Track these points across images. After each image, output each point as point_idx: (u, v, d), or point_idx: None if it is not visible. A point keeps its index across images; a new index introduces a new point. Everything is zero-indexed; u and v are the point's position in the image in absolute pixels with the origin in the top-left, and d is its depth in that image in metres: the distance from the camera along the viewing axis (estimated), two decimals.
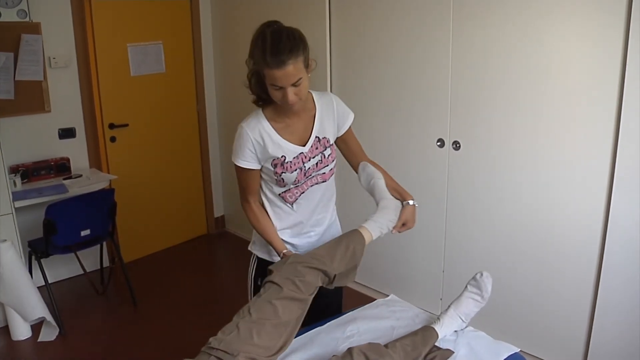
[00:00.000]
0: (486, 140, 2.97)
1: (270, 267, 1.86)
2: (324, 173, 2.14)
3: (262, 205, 2.16)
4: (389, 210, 2.12)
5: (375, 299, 2.42)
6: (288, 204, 2.13)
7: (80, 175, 4.00)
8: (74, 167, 4.10)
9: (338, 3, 3.63)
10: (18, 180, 3.69)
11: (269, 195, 2.14)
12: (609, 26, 2.41)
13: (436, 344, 1.95)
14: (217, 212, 5.24)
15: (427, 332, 1.95)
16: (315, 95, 2.11)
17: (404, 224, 2.14)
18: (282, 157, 2.02)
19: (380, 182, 2.17)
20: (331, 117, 2.12)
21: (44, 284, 3.48)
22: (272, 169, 2.03)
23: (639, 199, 2.44)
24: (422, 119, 3.26)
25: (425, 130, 3.26)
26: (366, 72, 3.55)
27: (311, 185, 2.12)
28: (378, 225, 2.06)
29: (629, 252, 2.52)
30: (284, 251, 2.05)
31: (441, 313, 2.07)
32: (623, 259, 2.55)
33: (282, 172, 2.03)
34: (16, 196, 3.48)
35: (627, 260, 2.53)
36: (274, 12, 4.01)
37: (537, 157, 2.78)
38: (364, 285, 3.90)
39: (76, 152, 4.16)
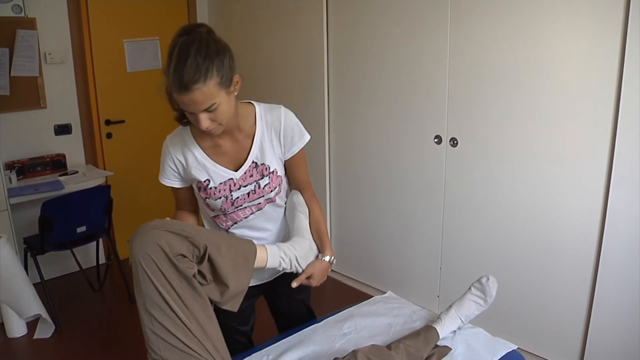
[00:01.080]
0: (483, 137, 2.97)
1: (130, 239, 1.52)
2: (259, 203, 1.85)
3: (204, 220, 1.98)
4: (302, 249, 1.80)
5: (373, 296, 2.41)
6: (223, 229, 1.91)
7: (77, 172, 3.99)
8: (70, 163, 4.08)
9: (335, 0, 3.62)
10: (13, 176, 3.68)
11: (205, 216, 1.95)
12: (607, 24, 2.40)
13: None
14: None
15: (429, 332, 1.94)
16: (259, 110, 1.81)
17: (308, 277, 1.80)
18: (205, 181, 1.77)
19: (303, 218, 1.87)
20: (275, 138, 1.80)
21: (39, 280, 3.47)
22: (197, 191, 1.82)
23: (637, 196, 2.44)
24: (420, 116, 3.26)
25: (422, 127, 3.25)
26: (363, 70, 3.54)
27: (245, 217, 1.86)
28: (280, 255, 1.74)
29: (626, 250, 2.52)
30: None
31: (442, 312, 2.06)
32: (620, 256, 2.55)
33: (206, 198, 1.80)
34: (12, 193, 3.47)
35: (624, 258, 2.54)
36: (270, 8, 3.99)
37: (535, 154, 2.78)
38: (361, 282, 3.90)
39: (72, 148, 4.14)
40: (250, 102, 1.83)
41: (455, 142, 3.10)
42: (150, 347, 1.53)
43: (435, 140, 3.19)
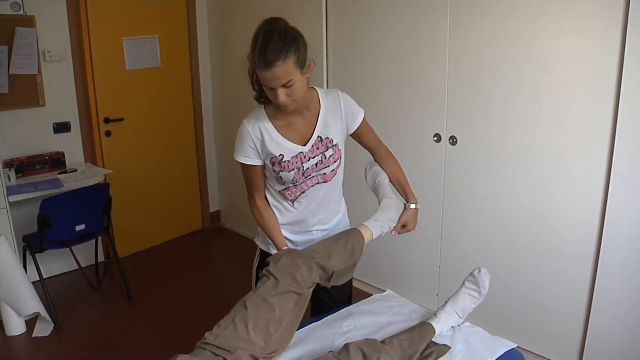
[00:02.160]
0: (483, 136, 2.97)
1: (268, 259, 1.86)
2: (325, 174, 2.10)
3: (267, 200, 2.16)
4: (391, 210, 2.12)
5: (372, 294, 2.42)
6: (289, 202, 2.12)
7: (75, 170, 3.98)
8: (69, 161, 4.08)
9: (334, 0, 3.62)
10: (12, 174, 3.67)
11: (272, 191, 2.14)
12: (606, 22, 2.40)
13: (433, 339, 1.95)
14: (213, 207, 5.23)
15: (424, 327, 1.95)
16: (321, 93, 2.08)
17: (403, 226, 2.15)
18: (279, 155, 2.00)
19: (385, 181, 2.17)
20: (338, 116, 2.09)
21: (38, 278, 3.47)
22: (271, 166, 2.03)
23: (636, 195, 2.45)
24: (419, 114, 3.26)
25: (422, 125, 3.25)
26: (363, 68, 3.54)
27: (312, 186, 2.10)
28: (379, 224, 2.06)
29: (625, 248, 2.53)
30: (284, 248, 2.05)
31: (438, 309, 2.07)
32: (619, 255, 2.55)
33: (280, 171, 2.02)
34: (10, 190, 3.46)
35: (623, 256, 2.54)
36: (270, 7, 3.99)
37: (534, 152, 2.78)
38: (361, 281, 3.89)
39: (71, 146, 4.13)
40: (312, 87, 2.08)
41: (454, 140, 3.10)
42: (218, 327, 1.68)
43: (435, 138, 3.19)
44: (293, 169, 2.02)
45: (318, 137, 2.04)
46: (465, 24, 2.91)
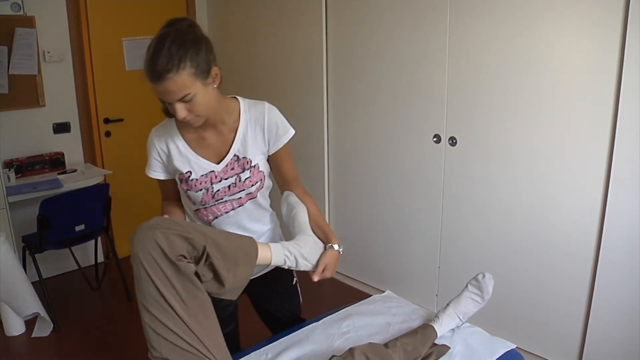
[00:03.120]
0: (482, 136, 2.97)
1: (130, 236, 1.51)
2: (240, 198, 1.86)
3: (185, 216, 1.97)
4: (306, 245, 1.78)
5: (371, 295, 2.41)
6: (205, 224, 1.90)
7: (75, 170, 3.98)
8: (68, 161, 4.08)
9: (334, 0, 3.63)
10: (12, 174, 3.67)
11: (187, 210, 1.96)
12: (606, 22, 2.40)
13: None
14: None
15: (426, 330, 1.94)
16: (243, 105, 1.83)
17: (324, 270, 1.78)
18: (187, 172, 1.80)
19: (303, 215, 1.87)
20: (259, 133, 1.82)
21: (38, 279, 3.46)
22: (179, 183, 1.84)
23: (636, 195, 2.44)
24: (419, 115, 3.26)
25: (421, 126, 3.25)
26: (363, 69, 3.54)
27: (226, 212, 1.87)
28: (285, 253, 1.72)
29: (625, 249, 2.52)
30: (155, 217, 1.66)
31: (439, 311, 2.06)
32: (619, 255, 2.55)
33: (187, 190, 1.82)
34: (10, 191, 3.46)
35: (623, 257, 2.54)
36: (269, 7, 3.99)
37: (534, 153, 2.78)
38: (360, 281, 3.89)
39: (71, 146, 4.14)
40: (235, 97, 1.86)
41: (454, 141, 3.10)
42: (152, 345, 1.51)
43: (434, 139, 3.19)
44: (201, 189, 1.81)
45: (234, 155, 1.81)
46: (465, 24, 2.91)
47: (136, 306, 1.56)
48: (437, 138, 3.18)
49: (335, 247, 1.83)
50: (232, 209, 1.88)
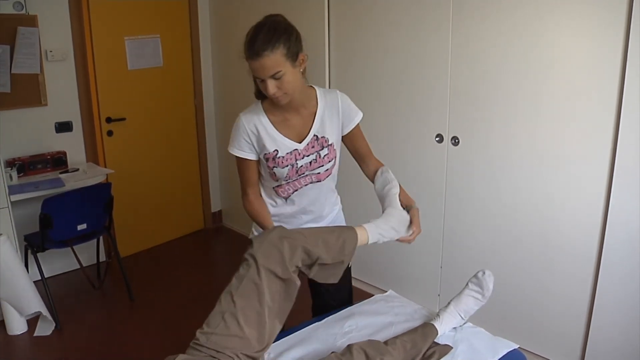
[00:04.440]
0: (485, 136, 2.96)
1: (251, 237, 1.81)
2: (319, 173, 2.09)
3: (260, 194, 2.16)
4: (394, 219, 2.00)
5: (374, 295, 2.41)
6: (282, 199, 2.12)
7: (77, 169, 3.98)
8: (70, 161, 4.08)
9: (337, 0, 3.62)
10: (14, 174, 3.67)
11: (265, 187, 2.14)
12: (609, 22, 2.40)
13: (435, 340, 1.95)
14: (215, 207, 5.23)
15: (426, 328, 1.95)
16: (319, 92, 2.07)
17: (414, 230, 2.03)
18: (274, 151, 2.00)
19: (394, 191, 2.09)
20: (335, 115, 2.08)
21: (40, 278, 3.47)
22: (265, 162, 2.03)
23: (638, 195, 2.44)
24: (421, 115, 3.25)
25: (424, 126, 3.25)
26: (365, 68, 3.53)
27: (305, 185, 2.09)
28: (378, 231, 1.95)
29: (627, 249, 2.52)
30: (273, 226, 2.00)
31: (440, 309, 2.07)
32: (622, 255, 2.55)
33: (274, 167, 2.02)
34: (12, 190, 3.46)
35: (625, 257, 2.53)
36: (271, 6, 3.98)
37: (536, 153, 2.77)
38: (362, 281, 3.89)
39: (73, 146, 4.14)
40: (311, 86, 2.07)
41: (456, 140, 3.09)
42: (208, 324, 1.67)
43: (437, 138, 3.19)
44: (287, 166, 2.01)
45: (314, 135, 2.04)
46: (468, 24, 2.91)
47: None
48: (440, 138, 3.17)
49: (416, 206, 2.09)
50: (311, 182, 2.10)
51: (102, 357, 3.19)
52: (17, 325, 3.37)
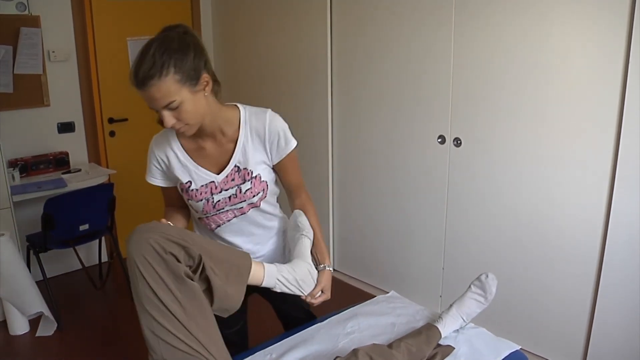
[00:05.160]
0: (487, 137, 2.96)
1: (126, 239, 1.49)
2: (241, 207, 1.83)
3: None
4: (300, 272, 1.71)
5: (376, 296, 2.41)
6: (209, 232, 1.91)
7: (79, 170, 3.99)
8: (72, 161, 4.09)
9: (339, 1, 3.61)
10: (17, 174, 3.68)
11: (193, 215, 1.95)
12: (611, 25, 2.40)
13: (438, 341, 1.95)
14: None
15: (430, 331, 1.94)
16: (243, 114, 1.77)
17: (322, 292, 1.77)
18: (187, 182, 1.78)
19: (306, 242, 1.81)
20: (260, 144, 1.78)
21: (42, 278, 3.47)
22: (180, 192, 1.84)
23: None
24: (423, 116, 3.25)
25: (426, 127, 3.25)
26: (367, 70, 3.53)
27: (228, 220, 1.85)
28: (278, 276, 1.66)
29: (629, 250, 2.52)
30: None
31: (443, 312, 2.06)
32: (624, 256, 2.54)
33: (189, 199, 1.82)
34: (15, 190, 3.47)
35: (628, 258, 2.53)
36: (274, 8, 3.99)
37: (538, 154, 2.77)
38: (364, 282, 3.89)
39: (75, 146, 4.14)
40: (236, 105, 1.80)
41: (458, 142, 3.09)
42: (151, 348, 1.51)
43: (439, 140, 3.18)
44: (202, 200, 1.79)
45: (235, 166, 1.77)
46: (470, 26, 2.91)
47: (136, 308, 1.56)
48: (442, 139, 3.17)
49: (329, 267, 1.80)
50: (235, 217, 1.85)
51: (104, 357, 3.19)
52: (19, 326, 3.37)
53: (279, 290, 1.68)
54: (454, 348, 1.91)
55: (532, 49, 2.68)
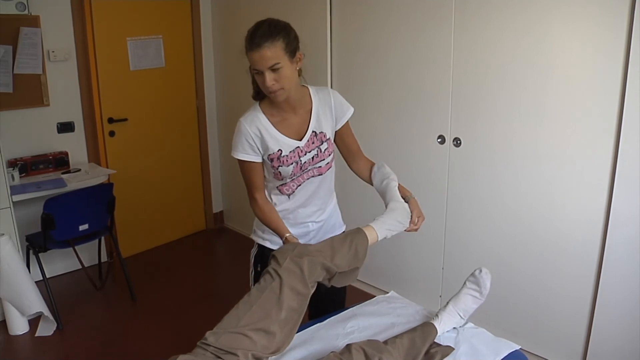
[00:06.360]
0: (487, 137, 2.96)
1: (273, 253, 1.83)
2: (320, 167, 2.15)
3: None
4: (397, 212, 2.08)
5: (375, 296, 2.41)
6: (285, 196, 2.17)
7: (79, 170, 3.99)
8: (72, 161, 4.09)
9: (339, 0, 3.62)
10: (16, 174, 3.68)
11: (269, 187, 2.18)
12: (611, 25, 2.40)
13: (436, 340, 1.95)
14: (216, 208, 5.23)
15: (426, 328, 1.95)
16: (312, 90, 2.13)
17: (418, 217, 2.13)
18: (278, 150, 2.05)
19: (392, 184, 2.17)
20: (328, 111, 2.15)
21: (41, 278, 3.47)
22: (269, 162, 2.07)
23: None
24: (423, 116, 3.25)
25: (426, 127, 3.25)
26: (367, 69, 3.53)
27: (307, 179, 2.15)
28: (385, 227, 2.03)
29: (629, 249, 2.52)
30: (287, 235, 2.05)
31: (440, 309, 2.07)
32: (624, 256, 2.54)
33: (279, 166, 2.06)
34: (14, 190, 3.47)
35: (627, 257, 2.53)
36: (274, 7, 3.99)
37: (538, 154, 2.77)
38: (364, 282, 3.89)
39: (75, 146, 4.14)
40: (304, 85, 2.12)
41: (458, 142, 3.09)
42: (220, 326, 1.66)
43: (439, 140, 3.18)
44: (292, 163, 2.07)
45: (313, 132, 2.10)
46: (470, 26, 2.91)
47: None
48: (442, 139, 3.17)
49: (413, 196, 2.17)
50: (313, 176, 2.16)
51: (103, 357, 3.19)
52: (18, 326, 3.37)
53: (390, 236, 2.03)
54: (453, 348, 1.91)
55: (532, 49, 2.68)
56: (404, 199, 2.14)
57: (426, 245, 3.41)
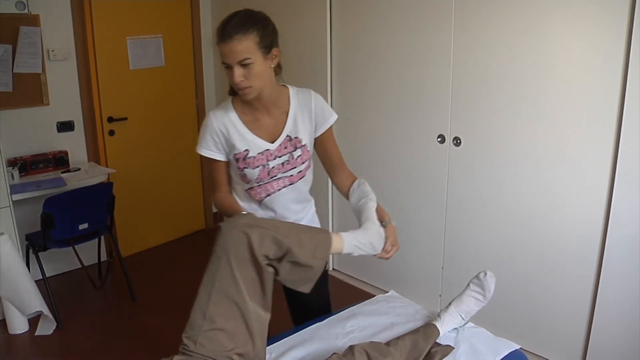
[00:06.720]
0: (487, 137, 2.96)
1: (220, 223, 1.69)
2: (292, 175, 2.03)
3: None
4: (372, 234, 1.89)
5: (375, 295, 2.41)
6: (256, 203, 2.07)
7: (79, 169, 3.99)
8: (72, 160, 4.08)
9: (339, 0, 3.62)
10: (16, 173, 3.68)
11: (238, 191, 2.09)
12: (611, 25, 2.40)
13: (437, 340, 1.95)
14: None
15: (428, 329, 1.94)
16: (292, 91, 2.02)
17: (392, 245, 1.94)
18: (245, 150, 1.94)
19: (372, 205, 2.00)
20: (307, 115, 2.01)
21: (41, 277, 3.47)
22: (235, 162, 1.97)
23: None
24: (423, 115, 3.25)
25: (426, 126, 3.25)
26: (367, 69, 3.53)
27: (278, 189, 2.02)
28: (356, 243, 1.84)
29: (629, 249, 2.52)
30: (242, 212, 1.92)
31: (442, 310, 2.06)
32: (623, 256, 2.54)
33: (245, 167, 1.96)
34: (14, 189, 3.47)
35: (627, 257, 2.53)
36: (274, 7, 3.98)
37: (538, 153, 2.77)
38: (364, 282, 3.89)
39: (75, 145, 4.14)
40: (284, 85, 2.03)
41: (458, 141, 3.09)
42: (191, 327, 1.63)
43: (439, 139, 3.18)
44: (258, 166, 1.96)
45: (287, 136, 1.98)
46: (470, 25, 2.91)
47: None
48: (442, 138, 3.17)
49: (392, 222, 1.98)
50: (284, 186, 2.02)
51: (103, 356, 3.18)
52: (18, 325, 3.37)
53: (356, 255, 1.86)
54: (453, 348, 1.92)
55: (532, 49, 2.68)
56: (381, 222, 1.96)
57: (426, 244, 3.41)
